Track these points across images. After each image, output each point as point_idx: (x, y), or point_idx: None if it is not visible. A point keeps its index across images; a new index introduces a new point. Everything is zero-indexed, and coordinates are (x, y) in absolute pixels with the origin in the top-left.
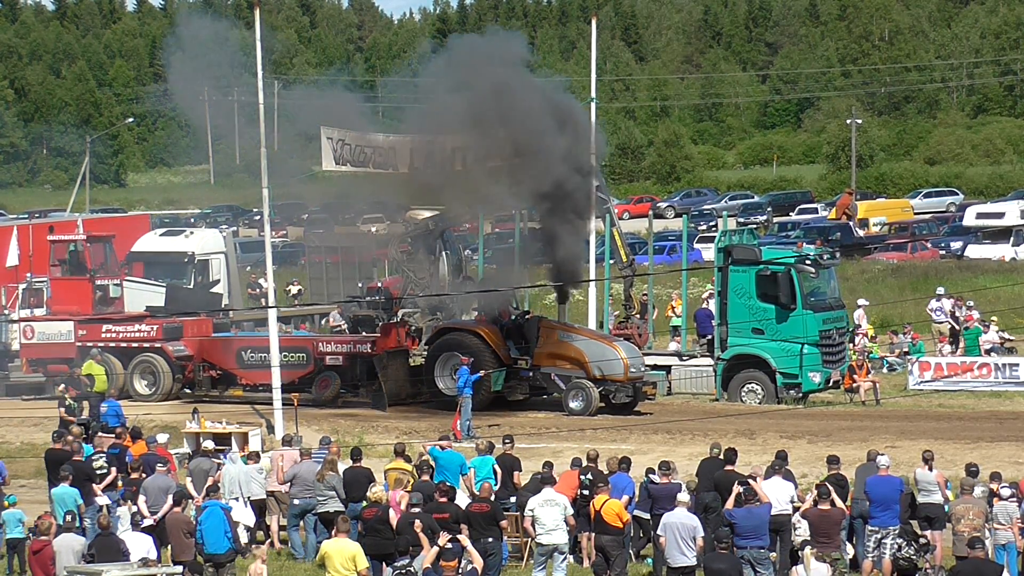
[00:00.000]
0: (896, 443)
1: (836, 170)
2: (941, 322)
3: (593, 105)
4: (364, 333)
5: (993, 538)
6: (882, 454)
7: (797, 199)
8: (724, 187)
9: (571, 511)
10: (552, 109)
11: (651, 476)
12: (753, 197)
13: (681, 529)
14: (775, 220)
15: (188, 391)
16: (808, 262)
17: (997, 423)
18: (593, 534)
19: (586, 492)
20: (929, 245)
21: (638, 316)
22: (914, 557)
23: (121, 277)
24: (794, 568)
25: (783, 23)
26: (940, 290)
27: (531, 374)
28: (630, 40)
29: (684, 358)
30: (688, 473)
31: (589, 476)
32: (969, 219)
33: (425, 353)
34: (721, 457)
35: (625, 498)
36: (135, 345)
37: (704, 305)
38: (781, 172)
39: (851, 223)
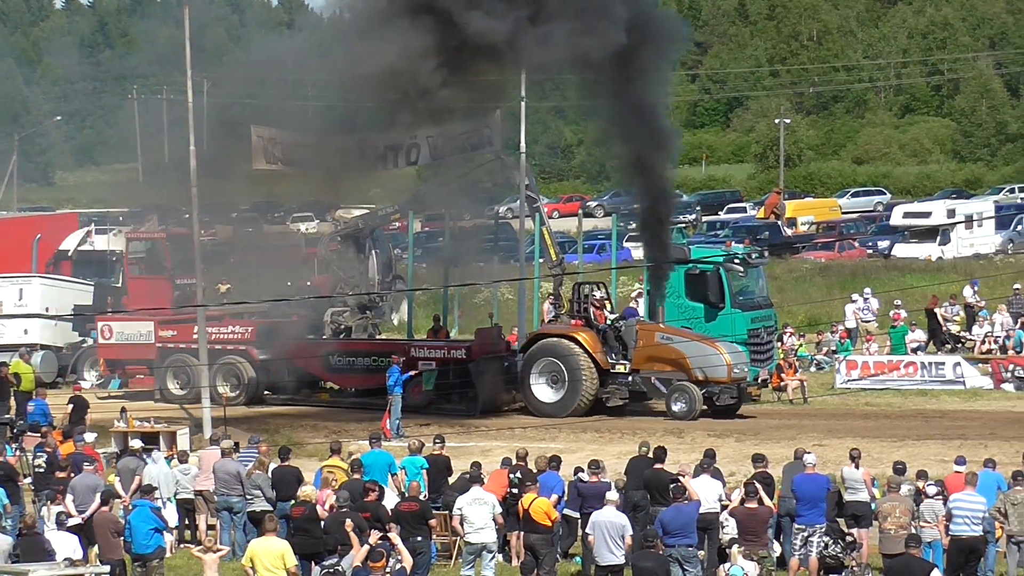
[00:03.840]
0: (823, 441)
1: (765, 169)
2: (868, 321)
3: (523, 104)
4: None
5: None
6: (809, 452)
7: (726, 198)
8: None
9: (500, 510)
10: None
11: (580, 475)
12: (682, 196)
13: (610, 528)
14: (704, 219)
15: (270, 394)
16: (737, 261)
17: (923, 421)
18: (522, 533)
19: (515, 491)
20: (856, 244)
21: (567, 315)
22: (840, 555)
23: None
24: (721, 566)
25: (712, 23)
26: (867, 290)
27: (630, 378)
28: None
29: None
30: (617, 472)
31: (518, 475)
32: (896, 218)
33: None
34: (650, 455)
35: (554, 497)
36: (218, 347)
37: (632, 304)
38: (710, 171)
39: (779, 222)
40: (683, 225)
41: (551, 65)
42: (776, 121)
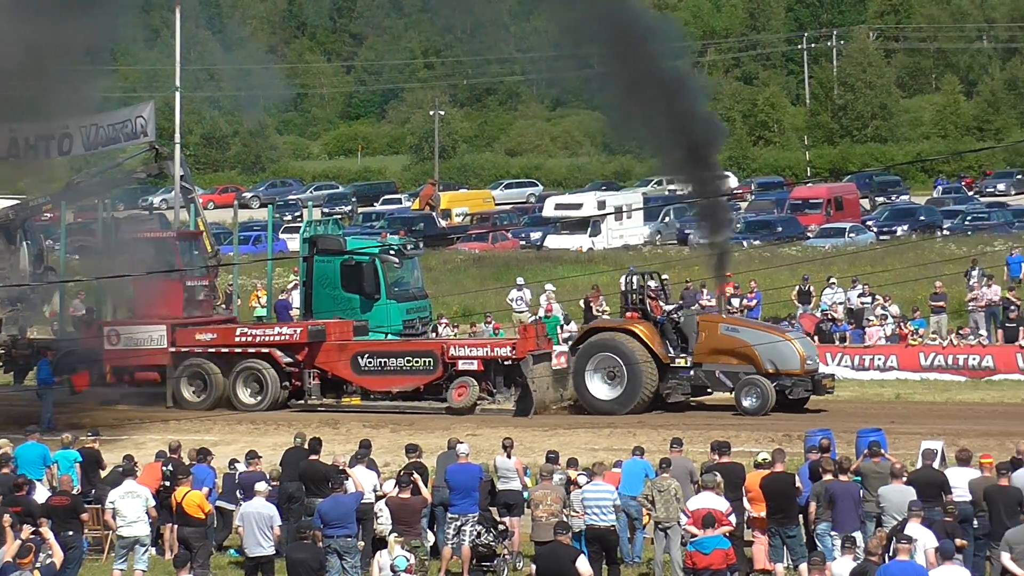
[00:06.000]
0: (476, 431)
1: (420, 161)
2: (522, 311)
3: (178, 95)
4: None
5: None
6: (462, 442)
7: (381, 189)
8: (309, 177)
9: (153, 503)
10: None
11: (236, 466)
12: (338, 187)
13: (258, 519)
14: (360, 210)
15: (297, 399)
16: (392, 252)
17: (575, 410)
18: (175, 525)
19: (168, 483)
20: (510, 235)
21: (223, 306)
22: (492, 543)
23: (210, 278)
24: (377, 555)
25: (367, 14)
26: (520, 280)
27: (691, 372)
28: (215, 29)
29: None
30: (272, 463)
31: (170, 467)
32: (548, 210)
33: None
34: (306, 447)
35: (205, 489)
36: (238, 351)
37: (285, 296)
38: (366, 163)
39: (434, 213)
40: (339, 216)
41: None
42: (431, 113)
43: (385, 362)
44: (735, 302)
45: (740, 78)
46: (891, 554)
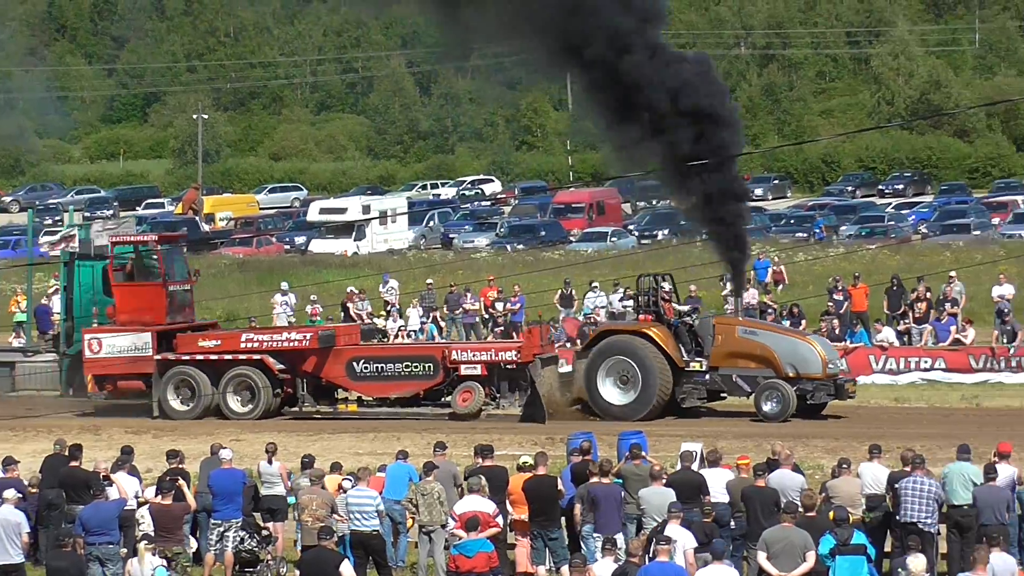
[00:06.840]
0: (241, 436)
1: (183, 165)
2: (286, 315)
3: None
4: None
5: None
6: (225, 448)
7: (144, 194)
8: (70, 181)
9: None
10: None
11: None
12: (100, 192)
13: (5, 526)
14: (122, 214)
15: (290, 407)
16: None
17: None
18: None
19: None
20: (274, 240)
21: None
22: (256, 549)
23: (191, 282)
24: (129, 561)
25: (129, 17)
26: (284, 285)
27: (707, 376)
28: None
29: (28, 354)
30: (32, 470)
31: None
32: (313, 214)
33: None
34: (66, 453)
35: None
36: (228, 358)
37: (45, 301)
38: (128, 167)
39: (197, 218)
40: (101, 220)
41: None
42: (194, 116)
43: (382, 367)
44: (499, 306)
45: (503, 83)
46: (651, 555)
